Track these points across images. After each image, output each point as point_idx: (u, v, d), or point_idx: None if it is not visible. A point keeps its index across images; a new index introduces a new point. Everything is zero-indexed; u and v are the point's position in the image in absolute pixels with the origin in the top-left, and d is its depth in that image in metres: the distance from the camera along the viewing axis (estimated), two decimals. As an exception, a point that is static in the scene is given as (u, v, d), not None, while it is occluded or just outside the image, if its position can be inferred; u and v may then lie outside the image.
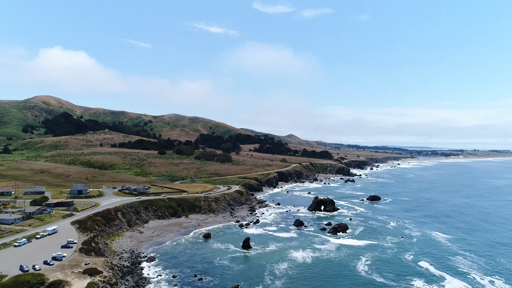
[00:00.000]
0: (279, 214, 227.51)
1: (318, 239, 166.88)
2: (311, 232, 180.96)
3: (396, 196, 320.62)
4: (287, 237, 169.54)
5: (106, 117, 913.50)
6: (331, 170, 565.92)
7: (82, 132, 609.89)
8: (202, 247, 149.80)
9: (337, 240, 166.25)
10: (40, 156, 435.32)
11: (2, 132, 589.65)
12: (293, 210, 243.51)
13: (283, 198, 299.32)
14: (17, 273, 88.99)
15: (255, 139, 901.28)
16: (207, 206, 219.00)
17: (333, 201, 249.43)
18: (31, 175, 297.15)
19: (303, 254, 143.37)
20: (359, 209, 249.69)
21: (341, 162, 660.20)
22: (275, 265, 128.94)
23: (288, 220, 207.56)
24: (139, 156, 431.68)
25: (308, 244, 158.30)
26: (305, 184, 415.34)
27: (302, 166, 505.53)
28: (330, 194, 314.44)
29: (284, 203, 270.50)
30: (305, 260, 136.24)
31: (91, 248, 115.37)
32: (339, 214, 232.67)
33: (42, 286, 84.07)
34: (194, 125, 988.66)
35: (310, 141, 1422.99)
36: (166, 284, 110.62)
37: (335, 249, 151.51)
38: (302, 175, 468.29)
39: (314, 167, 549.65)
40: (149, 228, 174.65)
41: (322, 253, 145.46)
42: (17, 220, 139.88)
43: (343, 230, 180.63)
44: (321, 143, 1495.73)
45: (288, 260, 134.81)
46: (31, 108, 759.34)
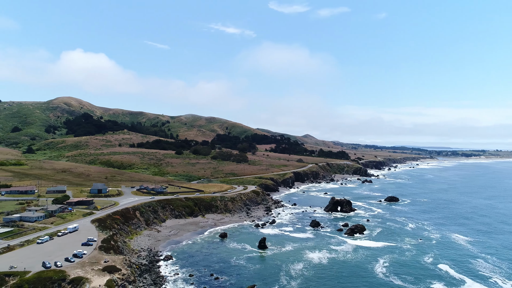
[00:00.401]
0: (295, 214, 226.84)
1: (334, 240, 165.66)
2: (327, 233, 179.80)
3: (415, 197, 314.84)
4: (303, 238, 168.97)
5: (125, 117, 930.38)
6: (348, 170, 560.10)
7: (102, 133, 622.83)
8: (218, 246, 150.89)
9: (354, 241, 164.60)
10: (61, 156, 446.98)
11: (26, 132, 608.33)
12: (310, 210, 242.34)
13: (299, 198, 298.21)
14: (40, 269, 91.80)
15: (271, 139, 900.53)
16: (223, 206, 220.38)
17: (350, 202, 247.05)
18: (53, 174, 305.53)
19: (319, 255, 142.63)
20: (376, 210, 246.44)
21: (358, 163, 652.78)
22: (291, 266, 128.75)
23: (304, 221, 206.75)
24: (157, 156, 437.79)
25: (324, 245, 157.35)
26: (321, 184, 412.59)
27: (318, 167, 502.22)
28: (347, 194, 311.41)
29: (300, 203, 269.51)
30: (321, 261, 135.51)
31: (110, 246, 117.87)
32: (356, 215, 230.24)
33: (63, 282, 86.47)
34: (211, 125, 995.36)
35: (327, 141, 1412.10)
36: (183, 282, 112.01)
37: (352, 250, 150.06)
38: (319, 176, 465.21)
39: (330, 167, 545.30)
40: (166, 227, 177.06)
41: (339, 254, 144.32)
42: (40, 218, 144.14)
43: (360, 231, 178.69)
44: (338, 143, 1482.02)
45: (304, 261, 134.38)
46: (54, 109, 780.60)
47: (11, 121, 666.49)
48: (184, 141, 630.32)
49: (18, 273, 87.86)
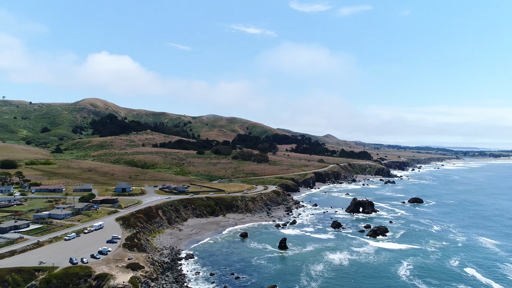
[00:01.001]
0: (316, 215, 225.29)
1: (356, 242, 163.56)
2: (348, 234, 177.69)
3: (440, 199, 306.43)
4: (324, 239, 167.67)
5: (148, 118, 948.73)
6: (370, 171, 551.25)
7: (126, 133, 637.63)
8: (239, 246, 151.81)
9: (376, 243, 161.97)
10: (88, 155, 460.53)
11: (54, 133, 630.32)
12: (331, 211, 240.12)
13: (320, 199, 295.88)
14: (67, 265, 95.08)
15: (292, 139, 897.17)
16: (244, 206, 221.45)
17: (372, 203, 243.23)
18: (79, 173, 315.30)
19: (340, 256, 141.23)
20: (399, 212, 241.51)
21: (380, 163, 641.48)
22: (311, 266, 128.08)
23: (325, 222, 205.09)
24: (179, 156, 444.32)
25: (345, 246, 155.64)
26: (343, 185, 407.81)
27: (340, 167, 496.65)
28: (369, 195, 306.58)
29: (321, 204, 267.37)
30: (342, 262, 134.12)
31: (133, 244, 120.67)
32: (378, 216, 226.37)
33: (89, 278, 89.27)
34: (232, 125, 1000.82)
35: (348, 141, 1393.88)
36: (204, 281, 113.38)
37: (374, 252, 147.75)
38: (340, 176, 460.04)
39: (352, 167, 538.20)
40: (188, 226, 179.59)
41: (360, 256, 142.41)
42: (67, 215, 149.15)
43: (383, 233, 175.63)
44: (360, 143, 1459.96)
45: (324, 262, 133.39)
46: (80, 110, 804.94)
47: (41, 122, 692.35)
48: (206, 141, 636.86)
49: (47, 268, 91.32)
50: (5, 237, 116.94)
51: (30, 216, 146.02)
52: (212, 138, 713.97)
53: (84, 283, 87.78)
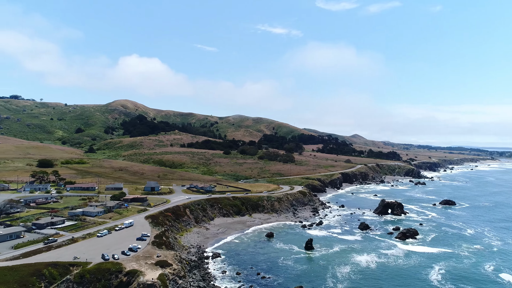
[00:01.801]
0: (343, 216, 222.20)
1: (384, 244, 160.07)
2: (376, 236, 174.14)
3: (474, 201, 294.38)
4: (351, 240, 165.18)
5: (176, 118, 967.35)
6: (399, 172, 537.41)
7: (154, 133, 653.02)
8: (265, 246, 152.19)
9: (405, 246, 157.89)
10: (119, 155, 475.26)
11: (88, 133, 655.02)
12: (358, 212, 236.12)
13: (348, 200, 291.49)
14: (99, 260, 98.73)
15: (318, 139, 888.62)
16: (270, 206, 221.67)
17: (401, 205, 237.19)
18: (111, 172, 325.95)
19: (367, 258, 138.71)
20: (430, 214, 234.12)
21: (410, 164, 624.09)
22: (338, 268, 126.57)
23: (352, 223, 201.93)
24: (206, 156, 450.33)
25: (373, 248, 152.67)
26: (371, 186, 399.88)
27: (367, 167, 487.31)
28: (398, 197, 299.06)
29: (348, 205, 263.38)
30: (370, 265, 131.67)
31: (162, 242, 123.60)
32: (408, 218, 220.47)
33: (120, 274, 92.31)
34: (258, 125, 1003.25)
35: (376, 141, 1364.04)
36: (231, 280, 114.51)
37: (404, 255, 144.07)
38: (368, 177, 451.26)
39: (380, 168, 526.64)
40: (214, 225, 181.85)
41: (389, 258, 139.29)
42: (100, 213, 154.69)
43: (413, 236, 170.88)
44: (388, 144, 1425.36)
45: (351, 264, 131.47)
46: (112, 111, 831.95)
47: (75, 123, 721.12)
48: (232, 141, 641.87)
49: (80, 263, 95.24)
50: (42, 232, 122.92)
51: (65, 213, 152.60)
52: (238, 138, 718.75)
53: (115, 278, 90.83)
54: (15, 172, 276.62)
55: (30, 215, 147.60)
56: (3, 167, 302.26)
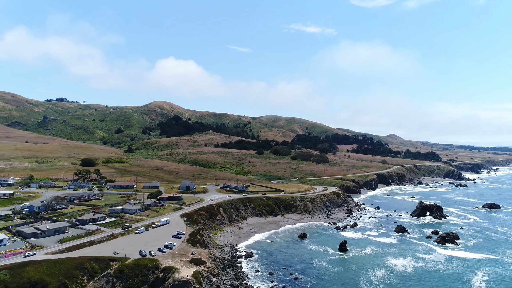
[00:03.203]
0: (379, 218, 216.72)
1: (422, 248, 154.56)
2: (413, 240, 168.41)
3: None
4: (386, 243, 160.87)
5: (210, 119, 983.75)
6: (439, 173, 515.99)
7: (189, 133, 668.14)
8: (298, 246, 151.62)
9: (445, 250, 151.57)
10: (155, 154, 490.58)
11: (126, 133, 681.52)
12: (394, 215, 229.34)
13: (383, 201, 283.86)
14: (137, 256, 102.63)
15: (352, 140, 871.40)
16: (303, 206, 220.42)
17: (440, 207, 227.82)
18: (148, 171, 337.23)
19: (403, 262, 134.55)
20: (472, 218, 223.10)
21: (450, 165, 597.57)
22: (372, 271, 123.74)
23: (388, 226, 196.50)
24: (239, 156, 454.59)
25: (410, 252, 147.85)
26: (408, 187, 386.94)
27: (404, 168, 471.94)
28: (437, 199, 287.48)
29: (384, 207, 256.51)
30: (406, 269, 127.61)
31: (196, 240, 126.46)
32: (447, 222, 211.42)
33: (156, 270, 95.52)
34: (291, 125, 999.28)
35: (414, 141, 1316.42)
36: (263, 280, 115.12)
37: (444, 260, 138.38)
38: (405, 178, 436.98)
39: (418, 169, 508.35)
40: (247, 224, 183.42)
41: (427, 263, 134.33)
42: (138, 210, 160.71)
43: (453, 240, 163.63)
44: (427, 144, 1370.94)
45: (386, 267, 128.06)
46: (149, 112, 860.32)
47: (115, 124, 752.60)
48: (265, 141, 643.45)
49: (120, 258, 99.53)
50: (85, 228, 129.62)
51: (106, 210, 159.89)
52: (271, 138, 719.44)
53: (152, 274, 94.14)
54: (61, 170, 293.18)
55: (74, 211, 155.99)
56: (50, 165, 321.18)
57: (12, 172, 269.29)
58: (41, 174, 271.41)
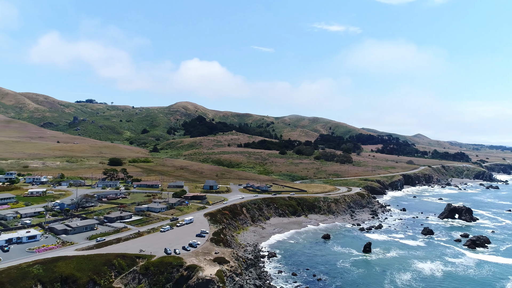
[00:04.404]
0: (405, 220, 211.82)
1: (450, 251, 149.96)
2: (441, 243, 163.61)
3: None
4: (412, 246, 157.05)
5: (233, 119, 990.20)
6: (468, 174, 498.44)
7: (213, 133, 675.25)
8: (321, 248, 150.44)
9: (475, 254, 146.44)
10: (180, 154, 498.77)
11: (152, 134, 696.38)
12: (421, 217, 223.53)
13: (410, 203, 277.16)
14: (162, 254, 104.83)
15: (377, 140, 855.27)
16: (326, 207, 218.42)
17: (470, 210, 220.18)
18: (173, 171, 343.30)
19: (431, 266, 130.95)
20: (504, 221, 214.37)
21: (481, 166, 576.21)
22: (397, 274, 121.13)
23: (415, 228, 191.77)
24: (262, 156, 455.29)
25: (438, 255, 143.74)
26: (435, 189, 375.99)
27: (432, 169, 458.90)
28: (467, 201, 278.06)
29: (410, 208, 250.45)
30: (434, 273, 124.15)
31: (220, 239, 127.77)
32: (477, 225, 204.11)
33: (181, 268, 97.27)
34: (314, 125, 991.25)
35: (442, 141, 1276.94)
36: (286, 280, 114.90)
37: (474, 265, 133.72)
38: (432, 179, 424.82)
39: (446, 170, 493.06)
40: (270, 224, 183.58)
41: (457, 268, 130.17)
42: (163, 209, 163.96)
43: (483, 244, 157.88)
44: (455, 144, 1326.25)
45: (412, 271, 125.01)
46: (174, 112, 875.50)
47: (141, 124, 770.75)
48: (288, 141, 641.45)
49: (146, 256, 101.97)
50: (112, 226, 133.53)
51: (132, 208, 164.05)
52: (294, 138, 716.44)
53: (176, 272, 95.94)
54: (90, 169, 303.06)
55: (102, 209, 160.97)
56: (80, 164, 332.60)
57: (44, 171, 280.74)
58: (71, 173, 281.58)
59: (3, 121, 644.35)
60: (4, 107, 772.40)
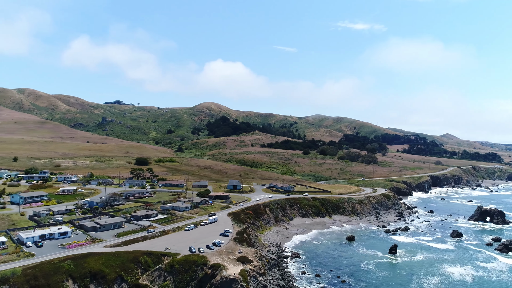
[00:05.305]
0: (432, 222, 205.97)
1: (481, 255, 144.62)
2: (471, 246, 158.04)
3: None
4: (441, 249, 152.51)
5: (257, 119, 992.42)
6: (501, 175, 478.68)
7: (236, 133, 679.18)
8: (345, 249, 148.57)
9: (508, 259, 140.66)
10: (204, 154, 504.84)
11: (177, 134, 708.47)
12: (450, 219, 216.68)
13: (437, 205, 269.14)
14: (187, 253, 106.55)
15: (404, 139, 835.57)
16: (350, 208, 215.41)
17: (502, 213, 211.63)
18: (197, 170, 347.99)
19: (461, 270, 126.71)
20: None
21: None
22: (425, 278, 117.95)
23: (443, 231, 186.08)
24: (285, 156, 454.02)
25: (468, 259, 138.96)
26: (465, 190, 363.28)
27: (461, 170, 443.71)
28: (499, 204, 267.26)
29: (438, 211, 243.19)
30: (464, 278, 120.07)
31: (243, 239, 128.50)
32: (510, 228, 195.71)
33: (205, 266, 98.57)
34: (338, 125, 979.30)
35: (472, 141, 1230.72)
36: (310, 281, 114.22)
37: (507, 270, 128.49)
38: (462, 180, 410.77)
39: (477, 171, 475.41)
40: (293, 225, 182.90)
41: (489, 273, 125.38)
42: (187, 208, 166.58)
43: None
44: (486, 144, 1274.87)
45: (441, 275, 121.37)
46: (198, 113, 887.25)
47: (166, 125, 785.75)
48: (311, 141, 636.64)
49: (171, 254, 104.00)
50: (139, 224, 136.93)
51: (158, 207, 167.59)
52: (317, 138, 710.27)
53: (200, 270, 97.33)
54: (117, 169, 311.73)
55: (129, 207, 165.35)
56: (108, 164, 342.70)
57: (75, 170, 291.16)
58: (100, 172, 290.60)
59: (38, 122, 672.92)
60: (38, 109, 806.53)
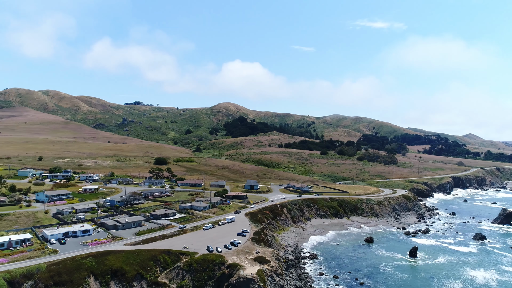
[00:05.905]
0: (454, 225, 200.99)
1: (506, 259, 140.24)
2: (495, 250, 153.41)
3: None
4: (463, 252, 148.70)
5: (274, 119, 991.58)
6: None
7: (254, 134, 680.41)
8: (364, 251, 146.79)
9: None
10: (222, 154, 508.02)
11: (195, 134, 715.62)
12: (473, 222, 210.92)
13: (460, 207, 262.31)
14: (204, 252, 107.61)
15: (424, 140, 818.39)
16: (369, 209, 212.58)
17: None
18: (215, 170, 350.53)
19: (484, 274, 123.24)
20: None
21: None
22: (446, 282, 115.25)
23: (466, 233, 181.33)
24: (303, 156, 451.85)
25: (492, 263, 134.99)
26: (488, 192, 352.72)
27: (484, 171, 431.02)
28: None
29: (460, 213, 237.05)
30: (488, 282, 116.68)
31: (260, 239, 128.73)
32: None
33: (222, 266, 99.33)
34: (356, 125, 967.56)
35: (496, 142, 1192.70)
36: (328, 283, 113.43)
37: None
38: (485, 182, 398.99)
39: (501, 172, 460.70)
40: (311, 225, 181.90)
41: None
42: (205, 208, 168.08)
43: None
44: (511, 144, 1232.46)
45: (463, 279, 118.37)
46: (216, 113, 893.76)
47: (185, 125, 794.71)
48: (329, 141, 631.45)
49: (189, 253, 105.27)
50: (158, 222, 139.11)
51: (176, 206, 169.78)
52: (335, 139, 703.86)
53: (218, 270, 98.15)
54: (137, 168, 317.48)
55: (149, 206, 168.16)
56: (128, 163, 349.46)
57: (96, 169, 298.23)
58: (120, 171, 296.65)
59: (62, 123, 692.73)
60: (61, 110, 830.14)
